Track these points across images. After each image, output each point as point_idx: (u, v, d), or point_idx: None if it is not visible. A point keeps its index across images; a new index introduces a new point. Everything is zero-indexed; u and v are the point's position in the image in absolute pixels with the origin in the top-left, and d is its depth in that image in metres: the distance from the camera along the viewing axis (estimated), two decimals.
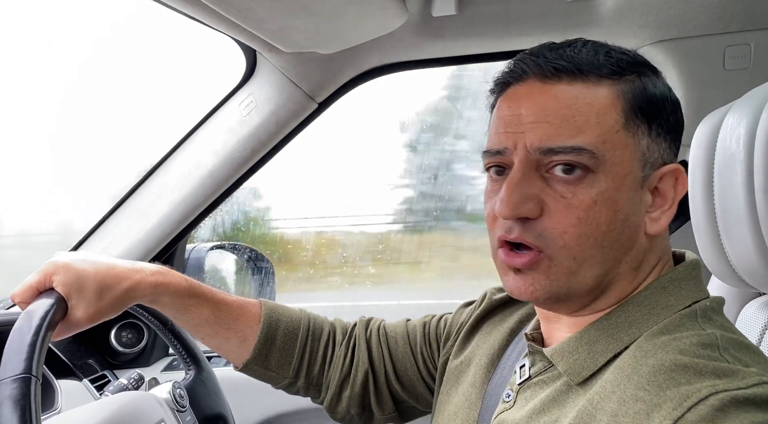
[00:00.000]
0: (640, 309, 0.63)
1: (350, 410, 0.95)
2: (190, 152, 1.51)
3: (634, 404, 0.54)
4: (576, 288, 0.63)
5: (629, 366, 0.58)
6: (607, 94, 0.62)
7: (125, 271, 0.83)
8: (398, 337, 0.95)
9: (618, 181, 0.61)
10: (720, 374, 0.53)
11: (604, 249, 0.62)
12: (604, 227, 0.61)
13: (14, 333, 0.71)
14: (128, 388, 1.19)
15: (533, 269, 0.63)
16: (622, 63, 0.64)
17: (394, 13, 1.19)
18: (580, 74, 0.62)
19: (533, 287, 0.63)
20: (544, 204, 0.62)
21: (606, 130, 0.61)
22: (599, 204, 0.61)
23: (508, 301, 0.87)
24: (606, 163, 0.61)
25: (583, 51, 0.63)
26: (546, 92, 0.63)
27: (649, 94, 0.64)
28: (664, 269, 0.67)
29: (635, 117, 0.62)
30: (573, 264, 0.62)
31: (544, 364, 0.68)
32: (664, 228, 0.64)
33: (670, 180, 0.64)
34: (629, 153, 0.62)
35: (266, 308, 0.94)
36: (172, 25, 1.38)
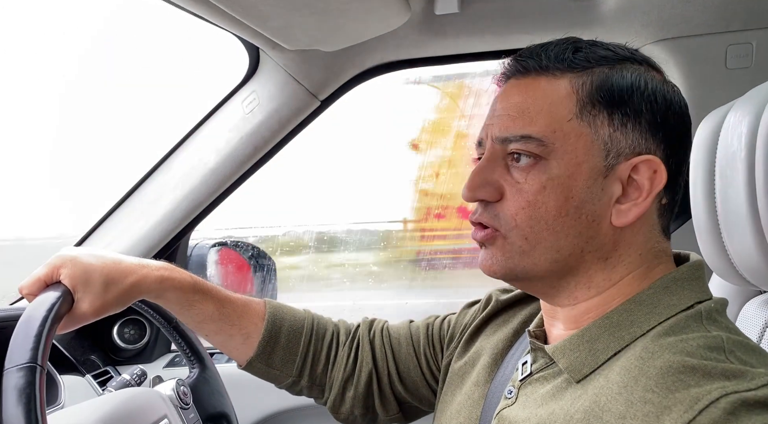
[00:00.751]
0: (642, 308, 0.64)
1: (354, 410, 0.95)
2: (193, 149, 1.51)
3: (642, 406, 0.54)
4: (532, 269, 0.66)
5: (636, 367, 0.58)
6: (565, 86, 0.65)
7: (131, 266, 0.84)
8: (401, 338, 0.96)
9: (571, 168, 0.64)
10: (729, 376, 0.53)
11: (557, 233, 0.64)
12: (553, 211, 0.64)
13: (21, 324, 0.71)
14: (131, 384, 1.19)
15: (492, 244, 0.68)
16: (593, 56, 0.66)
17: (397, 11, 1.20)
18: (543, 70, 0.67)
19: (491, 261, 0.68)
20: (503, 189, 0.67)
21: (557, 120, 0.64)
22: (548, 189, 0.64)
23: (513, 303, 0.87)
24: (557, 151, 0.64)
25: (555, 48, 0.67)
26: (516, 88, 0.68)
27: (611, 85, 0.64)
28: (665, 269, 0.67)
29: (591, 107, 0.64)
30: (525, 244, 0.66)
31: (545, 361, 0.69)
32: (631, 220, 0.64)
33: (646, 172, 0.64)
34: (584, 142, 0.64)
35: (270, 306, 0.95)
36: (176, 23, 1.38)
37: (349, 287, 2.46)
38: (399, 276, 2.44)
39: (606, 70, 0.65)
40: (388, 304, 2.43)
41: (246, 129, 1.46)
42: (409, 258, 2.47)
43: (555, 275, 0.67)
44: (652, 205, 0.65)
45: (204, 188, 1.51)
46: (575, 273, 0.67)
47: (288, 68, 1.39)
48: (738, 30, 1.25)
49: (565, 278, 0.67)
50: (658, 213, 0.67)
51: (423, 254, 2.44)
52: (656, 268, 0.67)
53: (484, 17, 1.30)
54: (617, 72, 0.65)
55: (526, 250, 0.66)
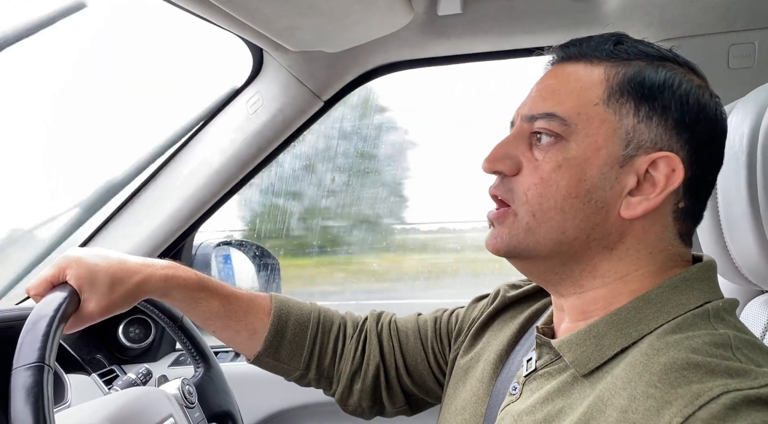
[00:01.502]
0: (651, 306, 0.64)
1: (361, 403, 0.95)
2: (198, 150, 1.52)
3: (644, 401, 0.55)
4: (535, 247, 0.67)
5: (640, 363, 0.58)
6: (599, 74, 0.66)
7: (136, 265, 0.84)
8: (409, 332, 0.96)
9: (589, 152, 0.64)
10: (732, 374, 0.53)
11: (564, 214, 0.65)
12: (563, 191, 0.65)
13: (28, 324, 0.72)
14: (137, 383, 1.20)
15: (500, 223, 0.69)
16: (632, 50, 0.67)
17: (400, 12, 1.20)
18: (582, 57, 0.68)
19: (496, 240, 0.69)
20: (521, 165, 0.68)
21: (583, 103, 0.65)
22: (563, 168, 0.65)
23: (520, 298, 0.88)
24: (578, 133, 0.65)
25: (599, 39, 0.68)
26: (553, 72, 0.70)
27: (643, 78, 0.65)
28: (676, 269, 0.66)
29: (620, 95, 0.65)
30: (532, 221, 0.66)
31: (551, 356, 0.69)
32: (639, 214, 0.64)
33: (664, 169, 0.64)
34: (607, 128, 0.64)
35: (276, 301, 0.95)
36: (180, 24, 1.39)
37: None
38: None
39: (642, 64, 0.66)
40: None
41: (250, 129, 1.47)
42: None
43: (558, 259, 0.67)
44: (666, 205, 0.65)
45: (208, 188, 1.52)
46: (579, 260, 0.67)
47: (291, 69, 1.40)
48: (740, 30, 1.25)
49: (569, 264, 0.67)
50: (674, 215, 0.66)
51: None
52: (670, 270, 0.66)
53: (487, 18, 1.30)
54: (653, 67, 0.66)
55: (533, 227, 0.66)
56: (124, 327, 1.61)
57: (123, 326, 1.61)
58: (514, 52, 1.43)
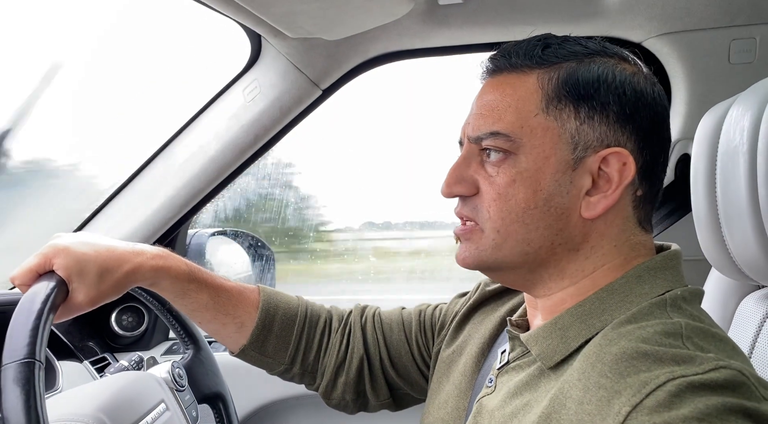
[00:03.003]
0: (614, 297, 0.65)
1: (345, 396, 0.96)
2: (194, 137, 1.51)
3: (596, 392, 0.55)
4: (502, 260, 0.68)
5: (594, 354, 0.59)
6: (532, 82, 0.67)
7: (126, 253, 0.83)
8: (393, 324, 0.96)
9: (539, 162, 0.65)
10: (678, 361, 0.54)
11: (527, 226, 0.66)
12: (522, 203, 0.66)
13: (17, 317, 0.71)
14: (128, 370, 1.19)
15: (468, 239, 0.70)
16: (561, 53, 0.67)
17: (401, 1, 1.19)
18: (513, 68, 0.68)
19: (464, 254, 0.70)
20: (478, 184, 0.69)
21: (524, 115, 0.66)
22: (518, 182, 0.66)
23: (501, 291, 0.88)
24: (525, 146, 0.65)
25: (526, 46, 0.68)
26: (489, 87, 0.70)
27: (577, 78, 0.65)
28: (641, 259, 0.67)
29: (557, 101, 0.65)
30: (498, 237, 0.67)
31: (522, 349, 0.71)
32: (599, 212, 0.65)
33: (616, 164, 0.65)
34: (551, 136, 0.65)
35: (264, 294, 0.95)
36: (177, 9, 1.38)
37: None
38: None
39: (573, 65, 0.66)
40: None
41: (247, 117, 1.46)
42: None
43: (526, 267, 0.68)
44: (625, 198, 0.66)
45: (204, 176, 1.50)
46: (546, 265, 0.68)
47: (290, 56, 1.39)
48: (742, 25, 1.24)
49: (537, 271, 0.68)
50: (633, 205, 0.67)
51: None
52: (634, 260, 0.67)
53: (488, 8, 1.29)
54: (584, 66, 0.66)
55: (498, 242, 0.67)
56: (117, 315, 1.60)
57: (116, 314, 1.60)
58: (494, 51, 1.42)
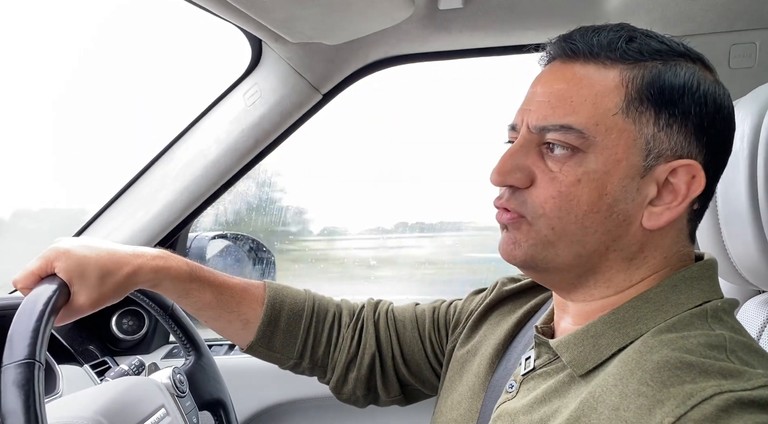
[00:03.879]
0: (649, 306, 0.63)
1: (356, 391, 0.95)
2: (194, 141, 1.51)
3: (636, 399, 0.54)
4: (553, 260, 0.65)
5: (633, 361, 0.58)
6: (614, 78, 0.62)
7: (126, 256, 0.83)
8: (406, 321, 0.95)
9: (609, 164, 0.61)
10: (726, 375, 0.52)
11: (586, 229, 0.62)
12: (585, 206, 0.62)
13: (18, 319, 0.71)
14: (129, 374, 1.19)
15: (516, 228, 0.66)
16: (646, 48, 0.63)
17: (401, 5, 1.19)
18: (593, 57, 0.63)
19: (513, 246, 0.66)
20: (534, 176, 0.64)
21: (601, 112, 0.61)
22: (583, 183, 0.62)
23: (518, 292, 0.87)
24: (597, 145, 0.61)
25: (608, 35, 0.63)
26: (560, 73, 0.65)
27: (662, 82, 0.62)
28: (676, 268, 0.65)
29: (639, 103, 0.61)
30: (551, 234, 0.63)
31: (549, 356, 0.68)
32: (662, 224, 0.62)
33: (684, 176, 0.62)
34: (627, 139, 0.61)
35: (270, 289, 0.94)
36: (178, 14, 1.38)
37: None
38: None
39: (659, 66, 0.62)
40: None
41: (247, 121, 1.46)
42: None
43: (575, 271, 0.65)
44: (684, 211, 0.63)
45: (204, 180, 1.50)
46: (596, 271, 0.65)
47: (290, 61, 1.39)
48: (741, 30, 1.25)
49: (585, 276, 0.66)
50: (688, 218, 0.65)
51: None
52: (662, 265, 0.65)
53: (488, 13, 1.29)
54: (670, 69, 0.62)
55: (552, 240, 0.64)
56: (117, 319, 1.60)
57: (116, 318, 1.60)
58: (515, 48, 1.42)
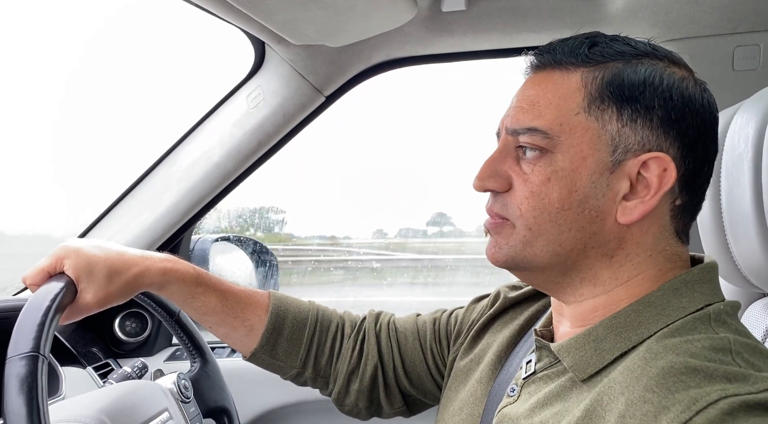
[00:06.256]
0: (651, 309, 0.63)
1: (358, 403, 0.95)
2: (197, 144, 1.51)
3: (642, 406, 0.54)
4: (533, 259, 0.67)
5: (638, 367, 0.58)
6: (576, 80, 0.65)
7: (134, 257, 0.84)
8: (408, 332, 0.95)
9: (576, 162, 0.64)
10: (731, 379, 0.53)
11: (560, 226, 0.65)
12: (557, 203, 0.64)
13: (24, 313, 0.72)
14: (132, 376, 1.19)
15: (498, 233, 0.69)
16: (608, 52, 0.65)
17: (404, 8, 1.19)
18: (557, 64, 0.67)
19: (495, 249, 0.69)
20: (511, 180, 0.68)
21: (564, 113, 0.64)
22: (553, 181, 0.64)
23: (521, 300, 0.87)
24: (563, 144, 0.64)
25: (573, 43, 0.67)
26: (532, 82, 0.69)
27: (622, 80, 0.64)
28: (679, 270, 0.65)
29: (600, 101, 0.64)
30: (529, 234, 0.66)
31: (550, 359, 0.69)
32: (636, 218, 0.63)
33: (656, 169, 0.63)
34: (590, 136, 0.64)
35: (275, 298, 0.94)
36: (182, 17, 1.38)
37: None
38: None
39: (620, 65, 0.65)
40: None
41: (250, 124, 1.46)
42: None
43: (557, 269, 0.67)
44: (662, 205, 0.64)
45: (207, 183, 1.51)
46: (579, 269, 0.66)
47: (293, 63, 1.39)
48: (746, 32, 1.24)
49: (569, 274, 0.67)
50: (671, 214, 0.65)
51: None
52: (670, 271, 0.65)
53: (491, 15, 1.29)
54: (631, 67, 0.64)
55: (530, 240, 0.66)
56: (121, 321, 1.60)
57: (119, 320, 1.60)
58: (517, 51, 1.42)
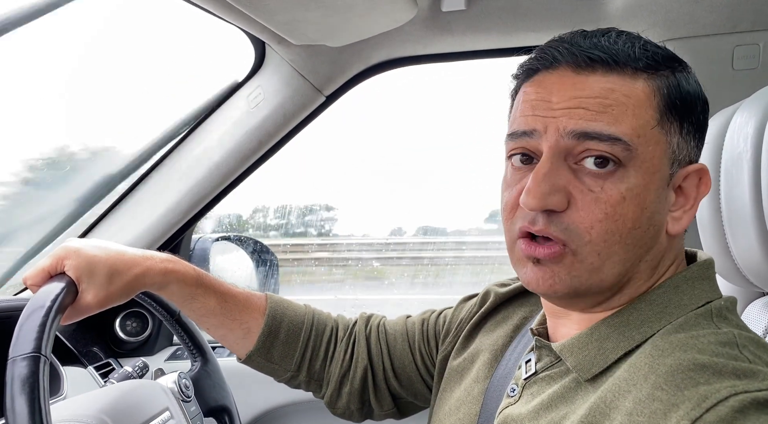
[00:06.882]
0: (653, 308, 0.63)
1: (350, 405, 0.96)
2: (198, 143, 1.51)
3: (650, 404, 0.54)
4: (597, 285, 0.61)
5: (646, 365, 0.57)
6: (643, 89, 0.60)
7: (135, 257, 0.84)
8: (397, 334, 0.96)
9: (647, 177, 0.60)
10: (740, 375, 0.52)
11: (627, 246, 0.60)
12: (630, 223, 0.59)
13: (25, 314, 0.72)
14: (133, 376, 1.19)
15: (555, 262, 0.61)
16: (658, 57, 0.62)
17: (404, 7, 1.19)
18: (616, 66, 0.60)
19: (553, 280, 0.61)
20: (571, 197, 0.60)
21: (642, 124, 0.59)
22: (628, 200, 0.59)
23: (512, 297, 0.87)
24: (638, 158, 0.59)
25: (618, 42, 0.62)
26: (579, 82, 0.61)
27: (683, 92, 0.62)
28: (677, 268, 0.66)
29: (669, 114, 0.61)
30: (597, 260, 0.60)
31: (551, 359, 0.68)
32: (684, 228, 0.63)
33: (693, 179, 0.63)
34: (661, 150, 0.61)
35: (272, 301, 0.95)
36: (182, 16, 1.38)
37: None
38: None
39: (671, 74, 0.62)
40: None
41: (251, 124, 1.46)
42: None
43: (612, 290, 0.63)
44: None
45: (208, 182, 1.51)
46: (628, 284, 0.63)
47: (294, 63, 1.39)
48: (745, 31, 1.24)
49: (618, 290, 0.64)
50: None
51: None
52: (671, 267, 0.66)
53: (491, 15, 1.29)
54: (683, 77, 0.63)
55: (597, 267, 0.60)
56: (122, 320, 1.60)
57: (120, 320, 1.60)
58: (517, 50, 1.42)
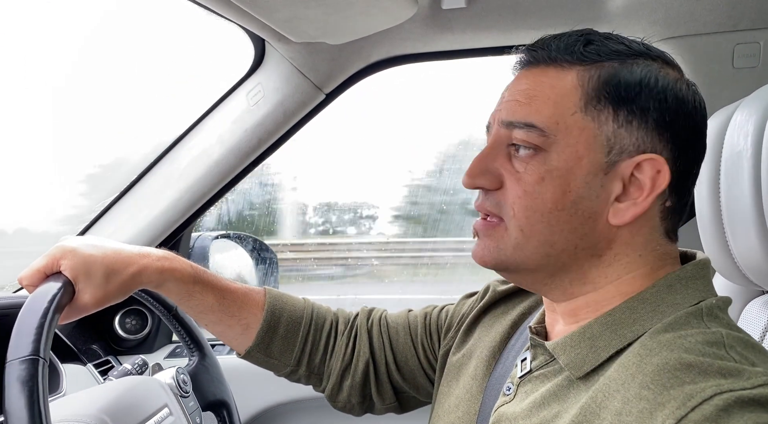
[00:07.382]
0: (645, 306, 0.63)
1: (351, 399, 0.96)
2: (198, 141, 1.51)
3: (637, 403, 0.54)
4: (523, 262, 0.66)
5: (634, 365, 0.58)
6: (572, 79, 0.65)
7: (132, 256, 0.84)
8: (399, 327, 0.96)
9: (571, 162, 0.63)
10: (725, 374, 0.53)
11: (552, 227, 0.64)
12: (549, 204, 0.64)
13: (22, 315, 0.72)
14: (132, 373, 1.19)
15: (487, 235, 0.68)
16: (603, 51, 0.65)
17: (404, 5, 1.19)
18: (552, 61, 0.66)
19: (483, 252, 0.68)
20: (503, 178, 0.67)
21: (561, 112, 0.64)
22: (546, 181, 0.64)
23: (511, 293, 0.87)
24: (558, 144, 0.63)
25: (567, 40, 0.66)
26: (525, 77, 0.68)
27: (618, 80, 0.63)
28: (667, 268, 0.66)
29: (597, 101, 0.63)
30: (520, 236, 0.65)
31: (545, 357, 0.69)
32: (628, 220, 0.63)
33: (649, 171, 0.63)
34: (587, 136, 0.63)
35: (270, 296, 0.95)
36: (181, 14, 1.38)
37: None
38: None
39: (615, 65, 0.64)
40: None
41: (250, 121, 1.46)
42: None
43: (546, 271, 0.67)
44: (653, 207, 0.64)
45: (208, 180, 1.51)
46: (568, 270, 0.66)
47: (293, 61, 1.39)
48: (746, 29, 1.24)
49: (557, 275, 0.67)
50: (661, 215, 0.65)
51: None
52: (661, 269, 0.66)
53: (491, 12, 1.29)
54: (627, 67, 0.64)
55: (521, 242, 0.65)
56: (121, 318, 1.60)
57: (119, 317, 1.60)
58: (517, 48, 1.42)
